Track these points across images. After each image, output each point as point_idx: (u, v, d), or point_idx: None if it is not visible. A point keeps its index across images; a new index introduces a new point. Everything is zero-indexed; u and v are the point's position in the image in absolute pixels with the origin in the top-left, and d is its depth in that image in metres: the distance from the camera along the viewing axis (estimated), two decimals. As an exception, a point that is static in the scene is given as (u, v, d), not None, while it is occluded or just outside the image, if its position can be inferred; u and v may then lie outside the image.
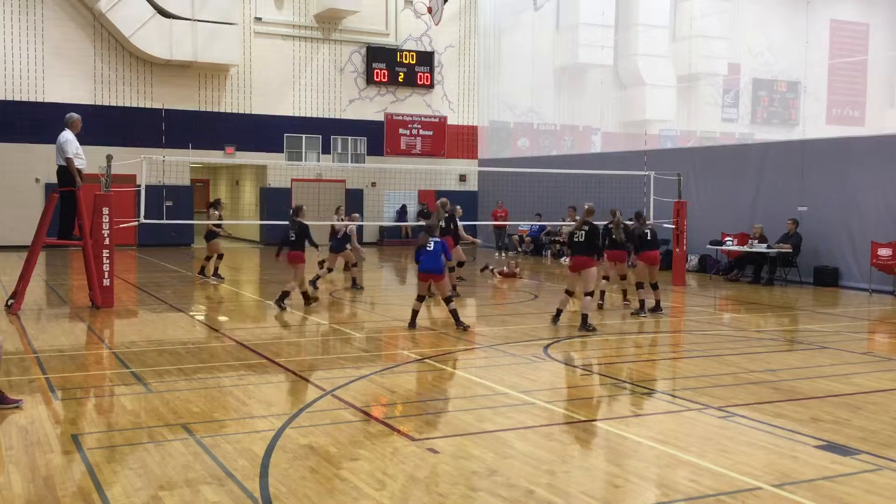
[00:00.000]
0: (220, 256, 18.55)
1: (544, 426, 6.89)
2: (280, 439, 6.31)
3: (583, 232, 11.68)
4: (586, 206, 12.10)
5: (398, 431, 6.67)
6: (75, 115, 13.18)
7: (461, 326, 11.60)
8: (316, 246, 14.97)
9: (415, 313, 11.82)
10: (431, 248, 11.60)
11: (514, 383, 8.61)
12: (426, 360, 9.54)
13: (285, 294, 13.63)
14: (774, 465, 5.87)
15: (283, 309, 13.39)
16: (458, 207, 17.20)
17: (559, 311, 12.01)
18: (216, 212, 18.22)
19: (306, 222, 13.88)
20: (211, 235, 18.10)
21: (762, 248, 18.30)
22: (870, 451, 6.20)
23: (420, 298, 11.92)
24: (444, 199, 15.91)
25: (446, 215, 15.64)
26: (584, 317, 11.55)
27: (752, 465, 5.86)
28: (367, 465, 5.80)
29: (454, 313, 11.70)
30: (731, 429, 6.83)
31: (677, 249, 18.20)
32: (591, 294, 11.71)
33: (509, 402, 7.78)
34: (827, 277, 17.72)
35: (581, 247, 11.70)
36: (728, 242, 19.40)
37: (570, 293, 12.05)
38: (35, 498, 5.10)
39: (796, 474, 5.70)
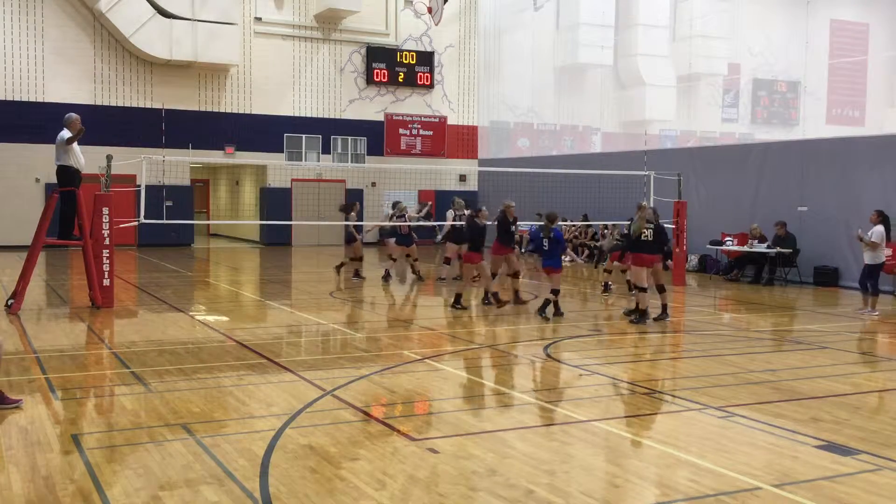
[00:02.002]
0: (360, 258, 18.25)
1: (544, 426, 6.89)
2: (280, 439, 6.31)
3: (651, 231, 12.40)
4: (645, 205, 12.88)
5: (398, 431, 6.67)
6: (74, 115, 13.18)
7: (559, 312, 12.62)
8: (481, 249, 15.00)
9: (546, 302, 12.83)
10: (547, 246, 12.72)
11: (514, 383, 8.62)
12: (426, 360, 9.54)
13: (494, 294, 13.73)
14: (774, 465, 5.87)
15: (502, 304, 13.55)
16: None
17: (645, 311, 12.36)
18: (353, 214, 18.11)
19: (483, 223, 14.12)
20: (351, 238, 17.99)
21: (762, 248, 18.31)
22: (870, 451, 6.21)
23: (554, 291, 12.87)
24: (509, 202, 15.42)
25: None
26: (645, 311, 12.31)
27: (752, 465, 5.86)
28: (367, 465, 5.80)
29: (557, 304, 12.69)
30: (731, 429, 6.83)
31: (677, 249, 18.20)
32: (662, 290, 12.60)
33: (509, 402, 7.78)
34: (827, 277, 17.72)
35: (651, 245, 12.45)
36: (728, 242, 19.41)
37: (645, 289, 12.44)
38: (35, 498, 5.10)
39: (796, 474, 5.70)
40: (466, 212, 17.75)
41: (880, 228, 13.62)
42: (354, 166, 29.76)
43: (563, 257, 13.34)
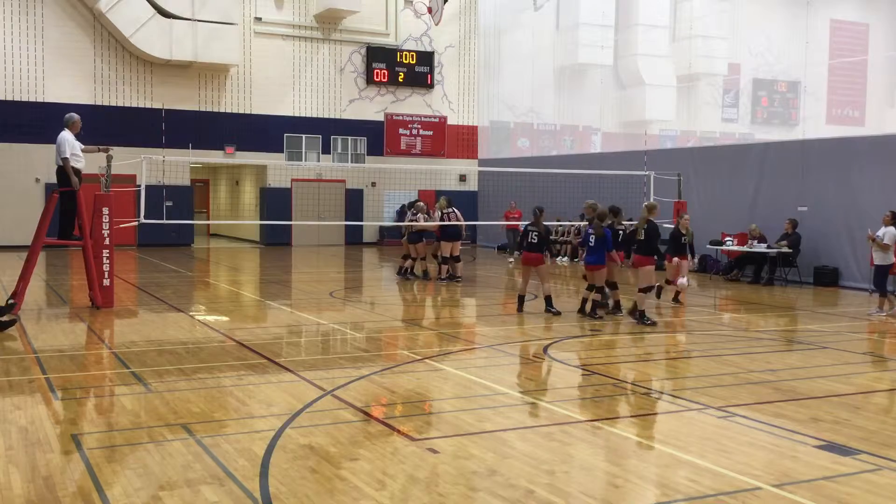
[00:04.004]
0: (425, 258, 18.20)
1: (544, 426, 6.89)
2: (280, 439, 6.31)
3: (644, 230, 12.57)
4: (648, 204, 12.88)
5: (398, 431, 6.67)
6: (75, 116, 13.16)
7: (595, 315, 12.83)
8: (551, 252, 14.99)
9: (584, 301, 13.12)
10: (593, 243, 12.97)
11: (514, 383, 8.61)
12: (426, 360, 9.54)
13: (549, 299, 13.35)
14: (774, 465, 5.87)
15: (556, 313, 13.03)
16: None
17: (617, 303, 13.09)
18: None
19: (546, 224, 14.09)
20: (416, 237, 17.98)
21: (762, 248, 18.31)
22: (870, 451, 6.21)
23: (589, 288, 13.17)
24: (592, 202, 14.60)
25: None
26: (642, 312, 12.32)
27: (752, 465, 5.86)
28: (367, 465, 5.80)
29: (594, 302, 12.97)
30: (731, 429, 6.83)
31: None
32: (646, 290, 12.50)
33: (509, 402, 7.78)
34: (827, 277, 17.72)
35: (643, 245, 12.74)
36: (728, 242, 19.40)
37: (616, 286, 13.05)
38: (35, 498, 5.10)
39: (796, 474, 5.70)
40: (454, 210, 17.74)
41: (893, 230, 13.62)
42: (354, 166, 29.76)
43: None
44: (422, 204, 18.54)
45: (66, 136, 12.81)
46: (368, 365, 9.25)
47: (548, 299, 13.25)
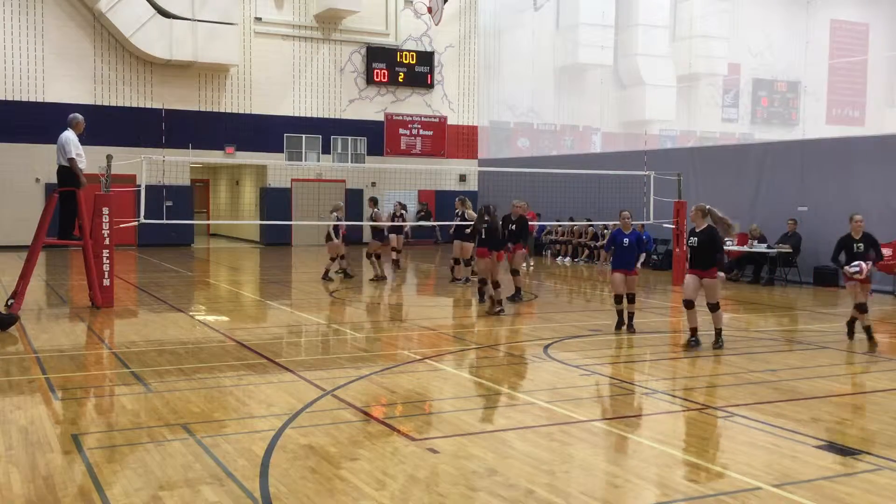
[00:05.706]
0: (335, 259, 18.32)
1: (544, 426, 6.88)
2: (280, 439, 6.31)
3: (695, 239, 10.52)
4: (708, 208, 10.57)
5: (398, 431, 6.67)
6: (79, 117, 13.14)
7: (630, 329, 11.58)
8: (507, 247, 14.93)
9: (619, 313, 11.71)
10: (626, 244, 11.60)
11: (514, 383, 8.61)
12: (426, 360, 9.54)
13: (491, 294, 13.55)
14: (774, 465, 5.87)
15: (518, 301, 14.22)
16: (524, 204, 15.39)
17: (694, 330, 10.68)
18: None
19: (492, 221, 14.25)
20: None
21: (762, 248, 18.32)
22: (870, 451, 6.21)
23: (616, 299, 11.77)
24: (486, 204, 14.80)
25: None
26: (719, 331, 10.67)
27: (752, 465, 5.86)
28: (367, 465, 5.80)
29: (630, 316, 11.65)
30: (731, 429, 6.83)
31: (677, 249, 18.19)
32: (716, 307, 10.61)
33: (509, 402, 7.78)
34: (827, 277, 17.71)
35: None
36: (728, 242, 19.38)
37: (691, 305, 10.66)
38: (35, 498, 5.10)
39: (796, 474, 5.70)
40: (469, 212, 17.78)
41: None
42: (354, 166, 29.76)
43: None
44: (340, 203, 18.99)
45: (70, 135, 12.79)
46: (368, 365, 9.25)
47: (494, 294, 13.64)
